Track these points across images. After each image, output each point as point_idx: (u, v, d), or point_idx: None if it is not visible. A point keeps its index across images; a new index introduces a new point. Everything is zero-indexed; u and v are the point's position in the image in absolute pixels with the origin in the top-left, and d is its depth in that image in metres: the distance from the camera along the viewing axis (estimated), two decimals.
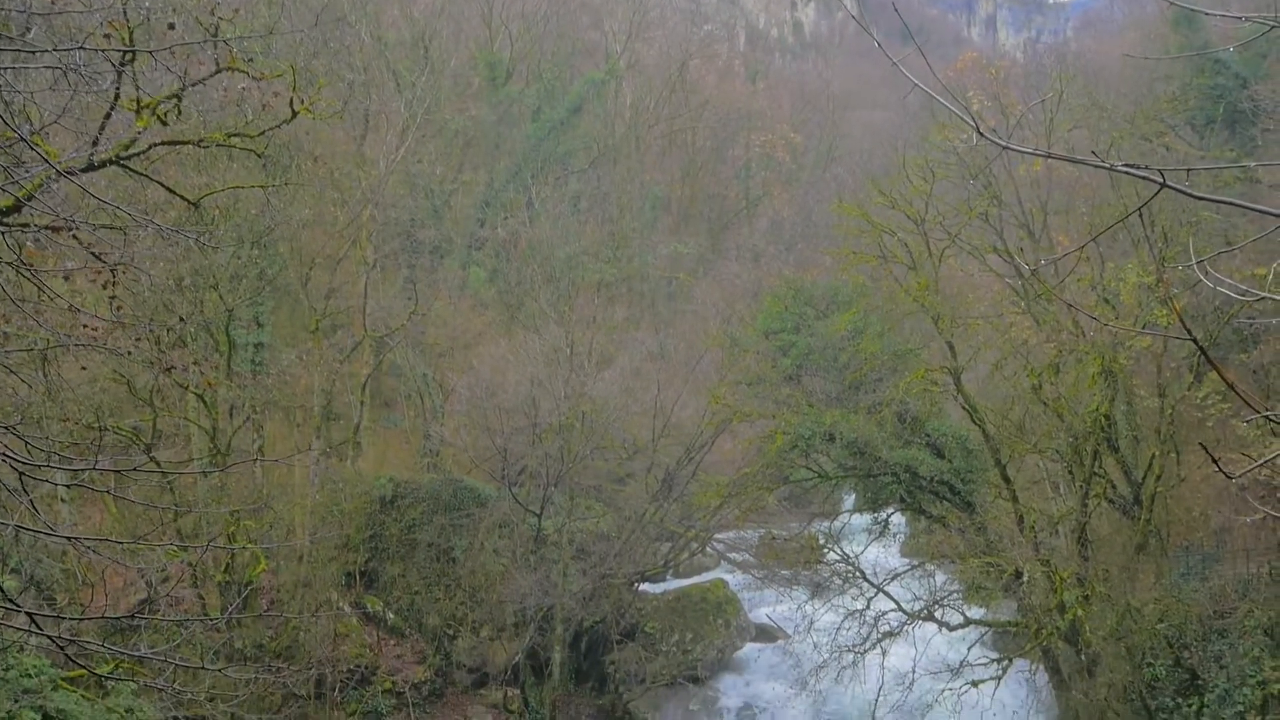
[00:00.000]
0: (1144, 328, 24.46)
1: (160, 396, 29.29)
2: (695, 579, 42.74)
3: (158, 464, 21.18)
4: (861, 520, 34.38)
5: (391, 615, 35.13)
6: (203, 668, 10.93)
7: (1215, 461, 4.22)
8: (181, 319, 26.56)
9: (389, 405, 45.66)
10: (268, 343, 35.60)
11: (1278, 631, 22.93)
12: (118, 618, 10.97)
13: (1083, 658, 25.65)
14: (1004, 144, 5.12)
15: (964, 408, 27.50)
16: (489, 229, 56.10)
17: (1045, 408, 26.20)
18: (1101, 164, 4.67)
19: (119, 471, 10.37)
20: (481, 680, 34.79)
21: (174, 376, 25.51)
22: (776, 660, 38.25)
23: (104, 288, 10.37)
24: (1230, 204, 4.47)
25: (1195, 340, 4.38)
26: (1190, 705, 23.74)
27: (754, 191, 75.96)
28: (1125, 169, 4.56)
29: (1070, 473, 27.27)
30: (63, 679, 26.08)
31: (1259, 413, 4.37)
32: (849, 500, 40.77)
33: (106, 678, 22.13)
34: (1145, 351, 25.61)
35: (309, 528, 31.96)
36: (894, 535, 34.94)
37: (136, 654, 10.08)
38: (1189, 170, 4.68)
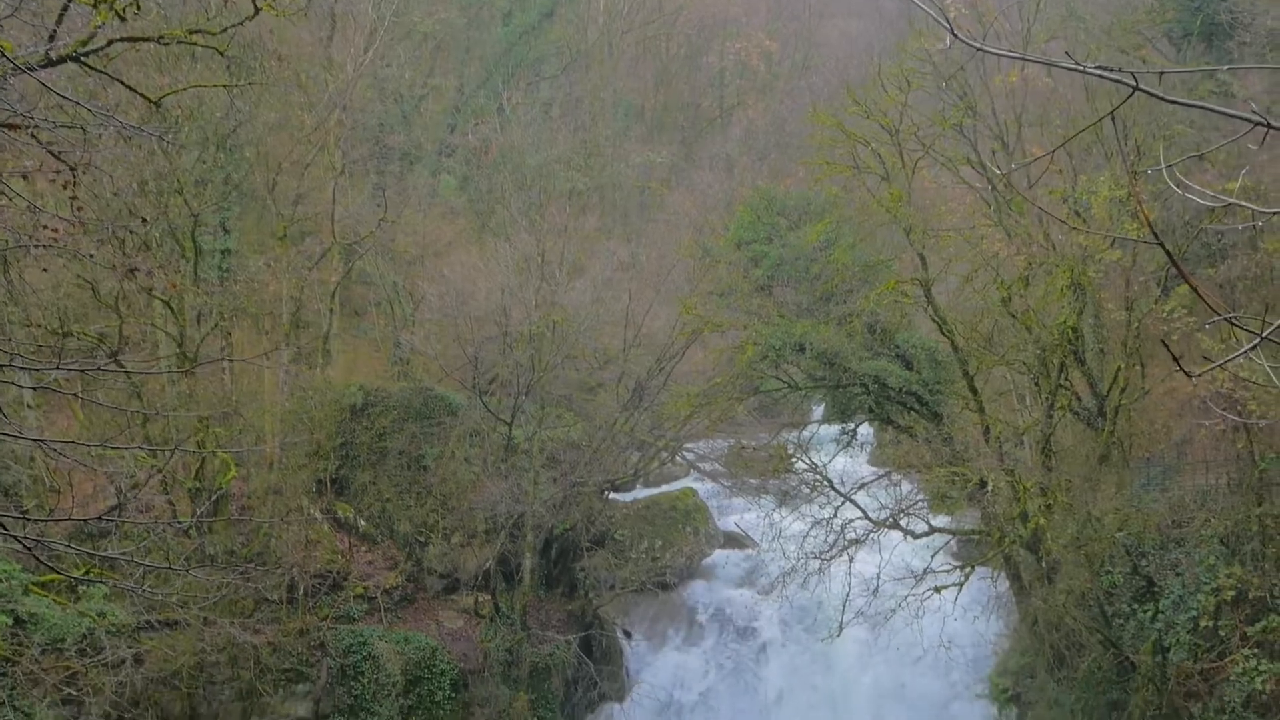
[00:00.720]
0: (1114, 241, 24.53)
1: (125, 302, 28.96)
2: (665, 488, 43.16)
3: (123, 366, 20.97)
4: (830, 430, 34.69)
5: (363, 522, 35.34)
6: (171, 568, 10.96)
7: (1176, 361, 4.24)
8: (144, 220, 26.13)
9: (359, 313, 45.39)
10: (234, 249, 35.17)
11: (1233, 540, 23.45)
12: (86, 519, 10.95)
13: (1043, 565, 26.17)
14: (978, 46, 5.04)
15: (933, 320, 27.61)
16: (459, 135, 55.32)
17: (1014, 320, 26.35)
18: (1075, 67, 4.60)
19: (84, 371, 10.26)
20: (453, 586, 35.17)
21: (138, 281, 25.23)
22: (744, 567, 38.89)
23: (64, 188, 10.16)
24: (1202, 108, 4.43)
25: (1162, 244, 4.37)
26: (1146, 611, 24.32)
27: (728, 100, 75.04)
28: (1098, 71, 4.51)
29: (1036, 385, 27.54)
30: (33, 583, 26.18)
31: (1221, 316, 4.38)
32: (818, 411, 41.15)
33: (78, 580, 22.19)
34: (1114, 265, 25.72)
35: (279, 435, 31.94)
36: (862, 445, 35.29)
37: (107, 555, 10.09)
38: (1161, 74, 4.63)
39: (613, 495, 39.23)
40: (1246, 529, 23.12)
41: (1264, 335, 3.93)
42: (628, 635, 37.37)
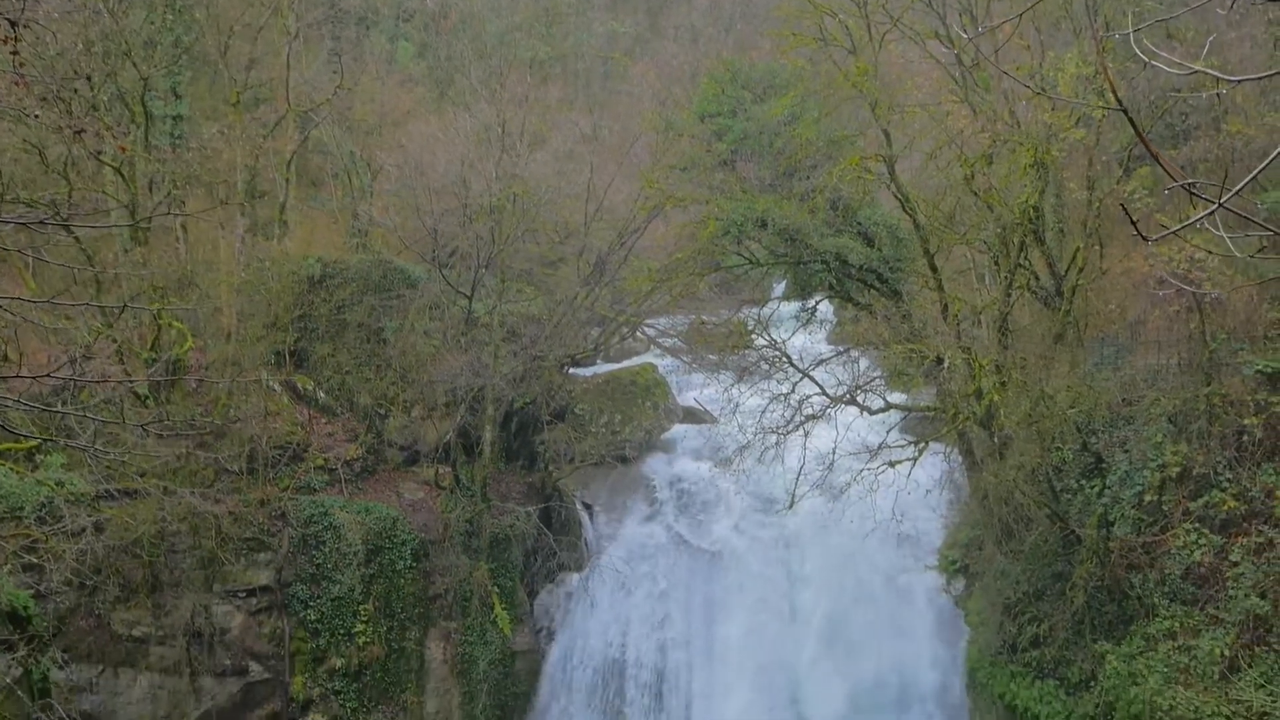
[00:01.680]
0: (1079, 120, 24.41)
1: (75, 169, 28.27)
2: (625, 363, 43.37)
3: (72, 232, 20.53)
4: (790, 307, 34.80)
5: (322, 394, 35.29)
6: (121, 421, 10.86)
7: (1134, 225, 4.22)
8: (90, 79, 25.27)
9: (316, 184, 44.63)
10: (187, 115, 34.33)
11: (1180, 418, 23.92)
12: (36, 377, 10.81)
13: (995, 441, 26.62)
14: None
15: (896, 197, 27.52)
16: (417, 0, 53.80)
17: (976, 198, 26.29)
18: None
19: (30, 225, 10.00)
20: (413, 458, 35.38)
21: (86, 144, 24.52)
22: (702, 441, 39.33)
23: (3, 43, 9.76)
24: None
25: (1126, 112, 4.30)
26: (1093, 486, 24.89)
27: None
28: None
29: (996, 264, 27.65)
30: None
31: (1179, 183, 4.35)
32: (778, 288, 41.21)
33: (41, 439, 22.02)
34: (1078, 144, 25.63)
35: (235, 306, 31.63)
36: (821, 323, 35.50)
37: (60, 410, 9.98)
38: None
39: (573, 370, 39.36)
40: (1194, 408, 23.58)
41: (1221, 203, 3.91)
42: (587, 507, 37.90)
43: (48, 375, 13.15)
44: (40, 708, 25.72)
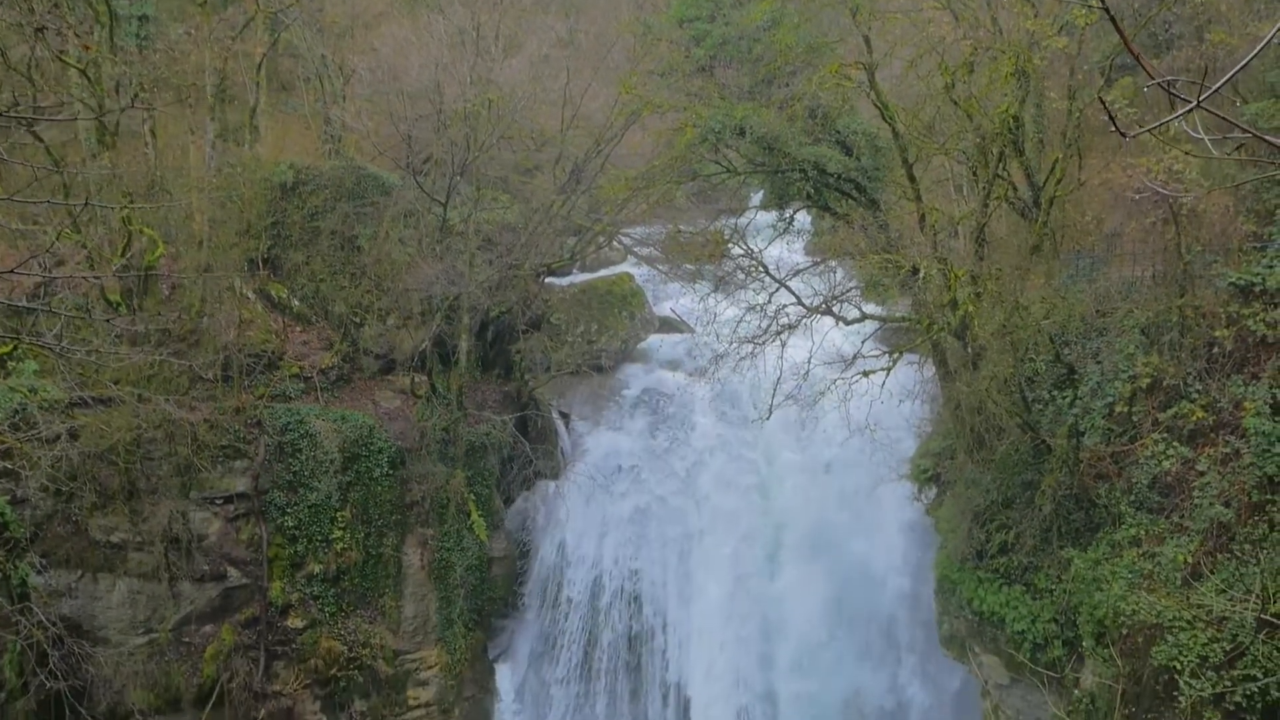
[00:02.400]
0: (1061, 28, 24.14)
1: (38, 69, 27.62)
2: (601, 272, 43.24)
3: (36, 134, 20.12)
4: (767, 217, 34.65)
5: (296, 302, 35.07)
6: (87, 316, 10.76)
7: (1113, 119, 4.17)
8: None
9: (286, 89, 43.77)
10: (153, 15, 33.48)
11: (1153, 330, 24.07)
12: (6, 271, 10.66)
13: (969, 352, 26.77)
14: None
15: (875, 105, 27.25)
16: None
17: (956, 108, 26.07)
18: None
19: None
20: (389, 367, 35.34)
21: (48, 43, 23.90)
22: (679, 351, 39.45)
23: None
24: None
25: (1108, 10, 4.23)
26: (1065, 397, 25.10)
27: None
28: None
29: (974, 174, 27.52)
30: None
31: (1158, 79, 4.30)
32: (756, 197, 41.00)
33: (10, 340, 21.81)
34: (1060, 53, 25.36)
35: (207, 212, 31.23)
36: (798, 233, 35.35)
37: (34, 307, 9.88)
38: None
39: (549, 279, 39.21)
40: (1167, 319, 23.72)
41: (1199, 101, 3.87)
42: (563, 416, 38.07)
43: (12, 271, 12.91)
44: (19, 611, 25.90)
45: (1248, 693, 17.36)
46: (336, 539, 31.52)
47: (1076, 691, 22.88)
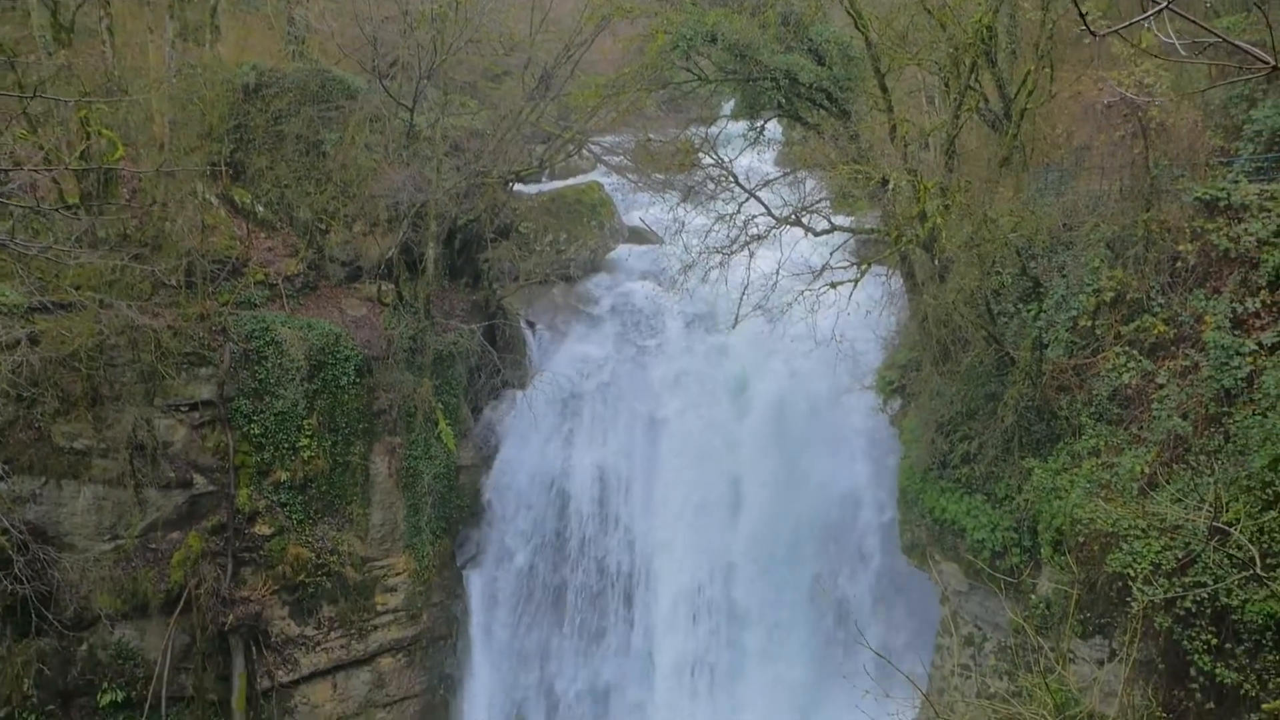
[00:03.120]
0: None
1: None
2: (570, 181, 42.83)
3: None
4: (738, 127, 34.35)
5: (260, 208, 34.61)
6: (37, 209, 10.57)
7: (1083, 18, 4.13)
8: None
9: None
10: None
11: (1118, 244, 24.20)
12: None
13: (936, 264, 26.85)
14: None
15: (849, 13, 26.87)
16: None
17: (930, 17, 25.78)
18: None
19: None
20: (355, 274, 35.07)
21: None
22: (647, 261, 39.33)
23: None
24: None
25: None
26: (1030, 310, 25.28)
27: None
28: None
29: (946, 86, 27.31)
30: None
31: None
32: (727, 106, 40.56)
33: None
34: None
35: (167, 114, 30.60)
36: (769, 143, 35.10)
37: None
38: None
39: (517, 187, 38.82)
40: (1132, 233, 23.83)
41: (1168, 3, 3.84)
42: (531, 326, 37.98)
43: None
44: None
45: (1198, 598, 17.81)
46: (303, 447, 31.53)
47: (1033, 597, 23.41)
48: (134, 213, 30.61)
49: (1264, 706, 16.69)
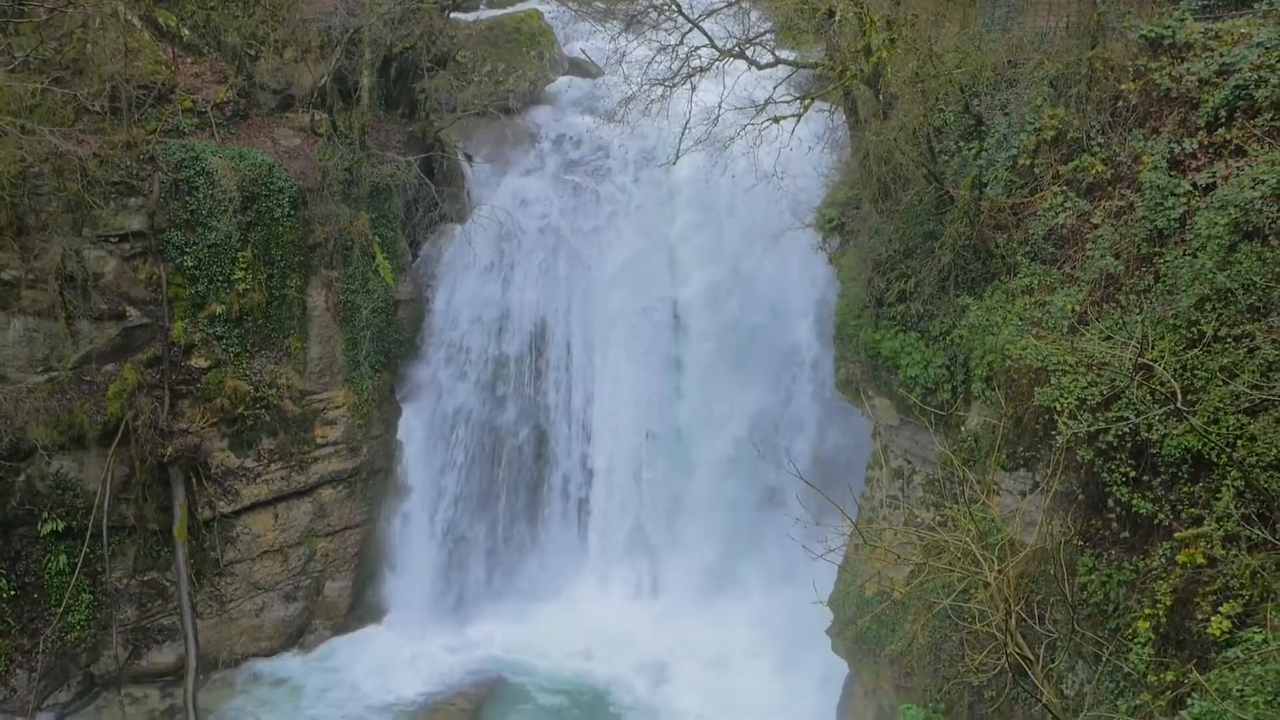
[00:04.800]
0: None
1: None
2: (509, 9, 41.58)
3: None
4: None
5: (186, 31, 33.26)
6: None
7: None
8: None
9: None
10: None
11: (1061, 82, 24.10)
12: None
13: (880, 100, 26.66)
14: None
15: None
16: None
17: None
18: None
19: None
20: (287, 103, 34.05)
21: None
22: (587, 94, 38.62)
23: None
24: None
25: None
26: (971, 148, 25.30)
27: None
28: None
29: None
30: None
31: None
32: None
33: None
34: None
35: None
36: None
37: None
38: None
39: (455, 14, 37.55)
40: (1076, 71, 23.71)
41: None
42: (469, 159, 37.34)
43: None
44: None
45: (1120, 432, 18.37)
46: (238, 280, 31.09)
47: (962, 431, 24.08)
48: (52, 34, 29.28)
49: (1176, 535, 17.44)
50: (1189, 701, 12.01)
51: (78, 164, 28.14)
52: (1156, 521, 18.13)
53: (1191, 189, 20.40)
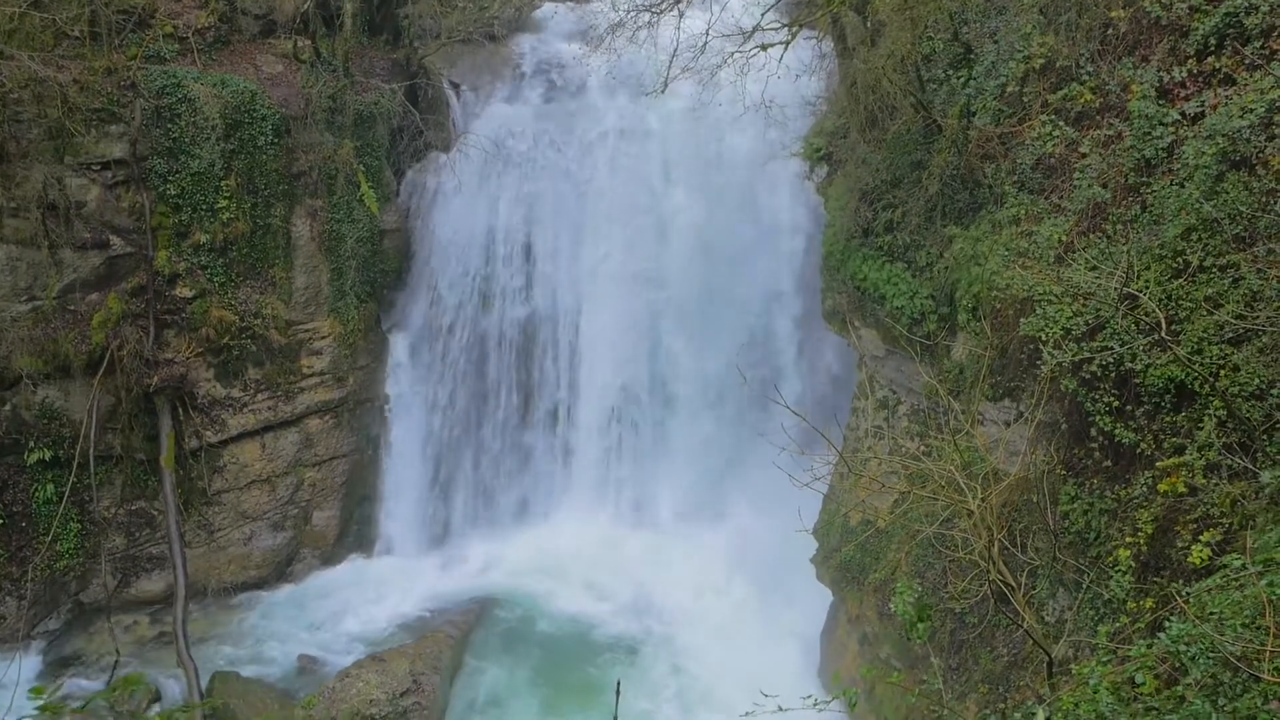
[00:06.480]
0: None
1: None
2: None
3: None
4: None
5: None
6: None
7: None
8: None
9: None
10: None
11: (1050, 9, 23.91)
12: None
13: (869, 27, 26.41)
14: None
15: None
16: None
17: None
18: None
19: None
20: (269, 29, 33.58)
21: None
22: (573, 21, 38.13)
23: None
24: None
25: None
26: (960, 77, 25.12)
27: None
28: None
29: None
30: None
31: None
32: None
33: None
34: None
35: None
36: None
37: None
38: None
39: None
40: None
41: None
42: (454, 86, 36.95)
43: None
44: None
45: (1104, 362, 18.47)
46: (222, 208, 30.87)
47: (947, 362, 24.20)
48: None
49: (1158, 464, 17.63)
50: (1167, 624, 12.18)
51: (58, 90, 27.79)
52: (1139, 451, 18.31)
53: (1180, 118, 20.33)
